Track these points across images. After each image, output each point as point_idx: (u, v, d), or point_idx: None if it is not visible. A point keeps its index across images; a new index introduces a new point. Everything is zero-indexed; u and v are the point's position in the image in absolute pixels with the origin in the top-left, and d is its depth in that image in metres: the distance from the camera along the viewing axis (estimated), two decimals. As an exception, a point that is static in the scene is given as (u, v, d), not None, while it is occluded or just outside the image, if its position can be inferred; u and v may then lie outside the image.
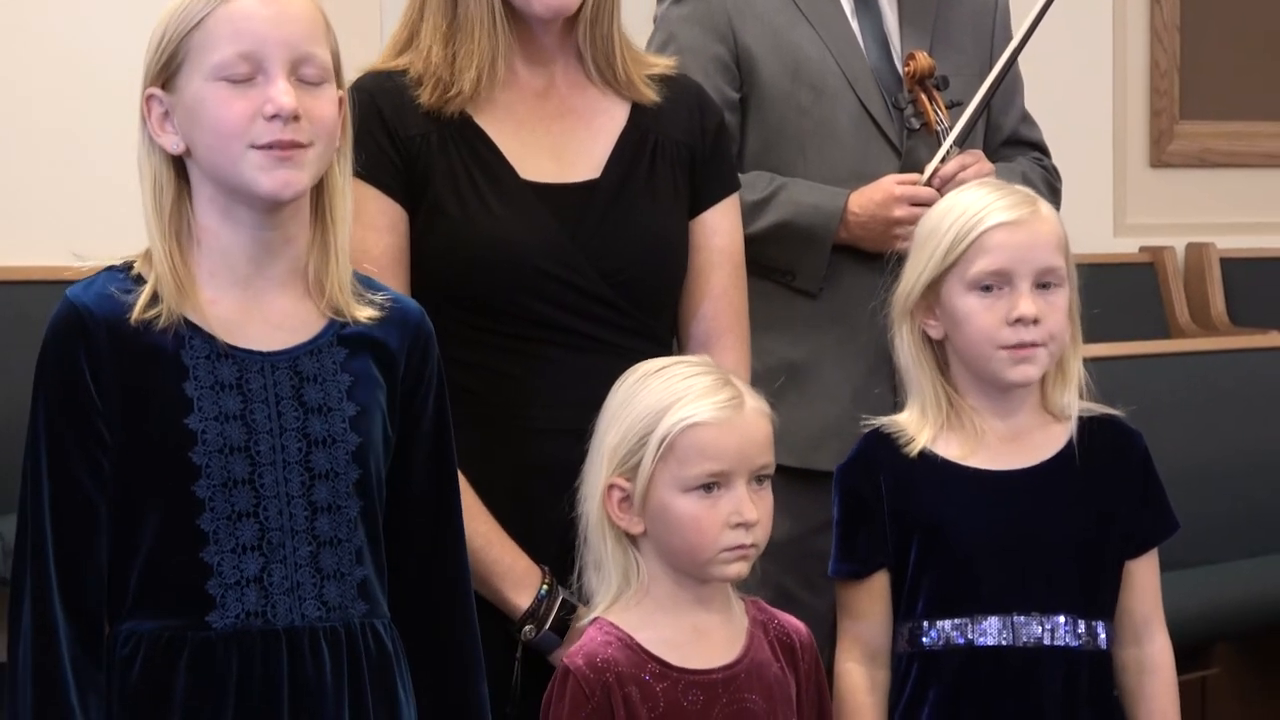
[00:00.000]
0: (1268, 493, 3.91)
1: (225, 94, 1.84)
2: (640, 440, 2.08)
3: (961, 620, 2.24)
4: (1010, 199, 2.27)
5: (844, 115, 2.72)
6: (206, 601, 1.85)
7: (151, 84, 1.89)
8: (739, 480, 2.07)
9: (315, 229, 1.92)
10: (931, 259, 2.27)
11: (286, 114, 1.83)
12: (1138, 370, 3.91)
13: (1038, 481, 2.27)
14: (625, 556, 2.11)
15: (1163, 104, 5.84)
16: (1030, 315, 2.22)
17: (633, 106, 2.31)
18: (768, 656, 2.13)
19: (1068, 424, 2.29)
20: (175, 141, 1.88)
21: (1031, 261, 2.24)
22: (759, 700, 2.10)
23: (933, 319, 2.28)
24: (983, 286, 2.23)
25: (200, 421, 1.85)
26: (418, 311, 2.00)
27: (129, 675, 1.85)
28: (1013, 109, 2.89)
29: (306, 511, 1.88)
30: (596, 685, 2.03)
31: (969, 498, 2.26)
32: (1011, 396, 2.29)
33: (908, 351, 2.31)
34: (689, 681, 2.07)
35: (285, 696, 1.86)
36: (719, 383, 2.10)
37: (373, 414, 1.92)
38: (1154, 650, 2.31)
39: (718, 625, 2.13)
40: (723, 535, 2.07)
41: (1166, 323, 5.52)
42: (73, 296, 1.87)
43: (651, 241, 2.28)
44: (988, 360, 2.24)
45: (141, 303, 1.86)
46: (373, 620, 1.92)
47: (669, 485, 2.07)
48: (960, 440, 2.28)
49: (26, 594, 1.84)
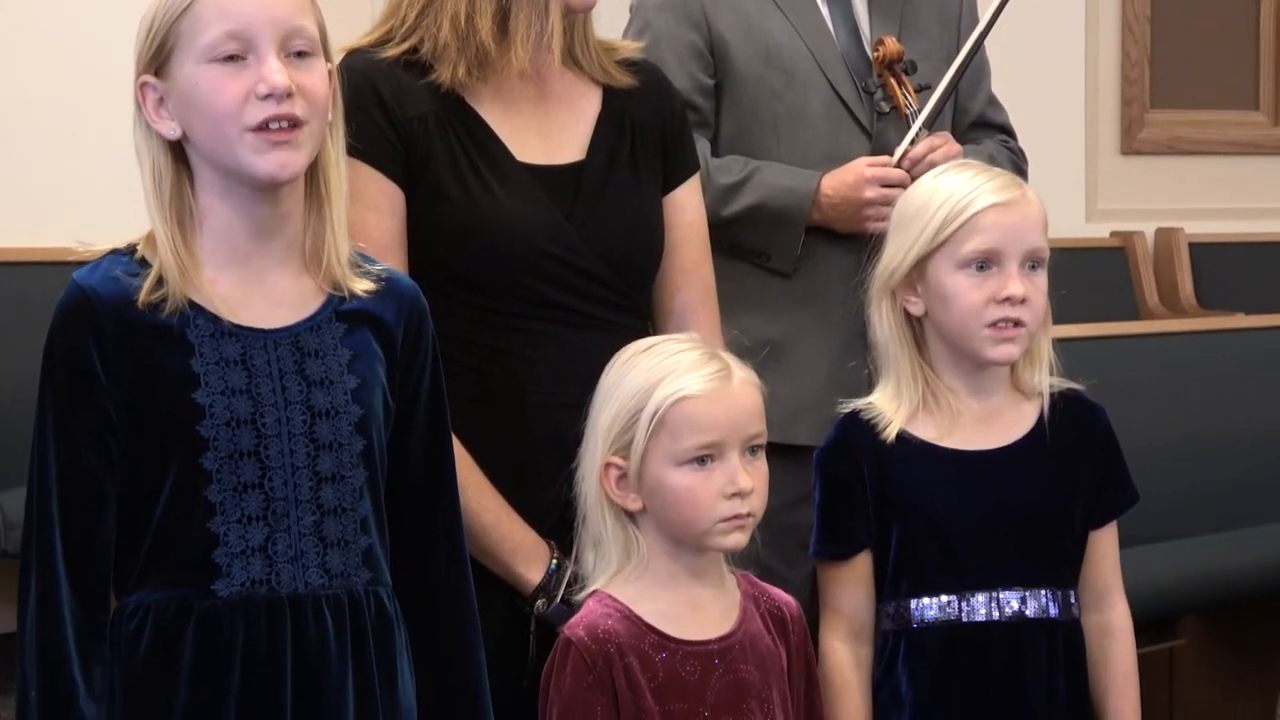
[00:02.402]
0: (1233, 470, 3.94)
1: (218, 76, 1.85)
2: (632, 418, 2.09)
3: (946, 598, 2.27)
4: (998, 181, 2.29)
5: (815, 99, 2.78)
6: (213, 570, 1.87)
7: (144, 71, 1.89)
8: (731, 451, 2.09)
9: (310, 203, 1.94)
10: (920, 237, 2.28)
11: (280, 92, 1.84)
12: (1108, 351, 3.93)
13: (1012, 459, 2.30)
14: (625, 533, 2.12)
15: (1134, 93, 5.89)
16: (1019, 295, 2.24)
17: (604, 90, 2.34)
18: (760, 629, 2.15)
19: (1038, 401, 2.32)
20: (172, 127, 1.89)
21: (1021, 242, 2.26)
22: (753, 671, 2.12)
23: (914, 296, 2.30)
24: (974, 265, 2.25)
25: (207, 396, 1.87)
26: (412, 287, 2.02)
27: (137, 648, 1.87)
28: (980, 93, 2.94)
29: (311, 481, 1.90)
30: (598, 656, 2.05)
31: (947, 478, 2.28)
32: (986, 375, 2.31)
33: (887, 328, 2.32)
34: (686, 652, 2.09)
35: (289, 664, 1.88)
36: (706, 356, 2.12)
37: (373, 386, 1.94)
38: (1114, 616, 2.35)
39: (713, 599, 2.14)
40: (718, 506, 2.08)
41: (1136, 305, 5.57)
42: (79, 280, 1.88)
43: (638, 220, 2.32)
44: (971, 338, 2.26)
45: (148, 286, 1.87)
46: (376, 588, 1.94)
47: (663, 460, 2.09)
48: (936, 421, 2.30)
49: (33, 570, 1.86)
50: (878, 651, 2.32)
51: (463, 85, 2.25)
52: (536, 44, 2.24)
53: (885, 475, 2.29)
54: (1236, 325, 4.43)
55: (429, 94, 2.24)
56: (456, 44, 2.23)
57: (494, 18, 2.23)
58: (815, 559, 2.33)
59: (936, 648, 2.27)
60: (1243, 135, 5.97)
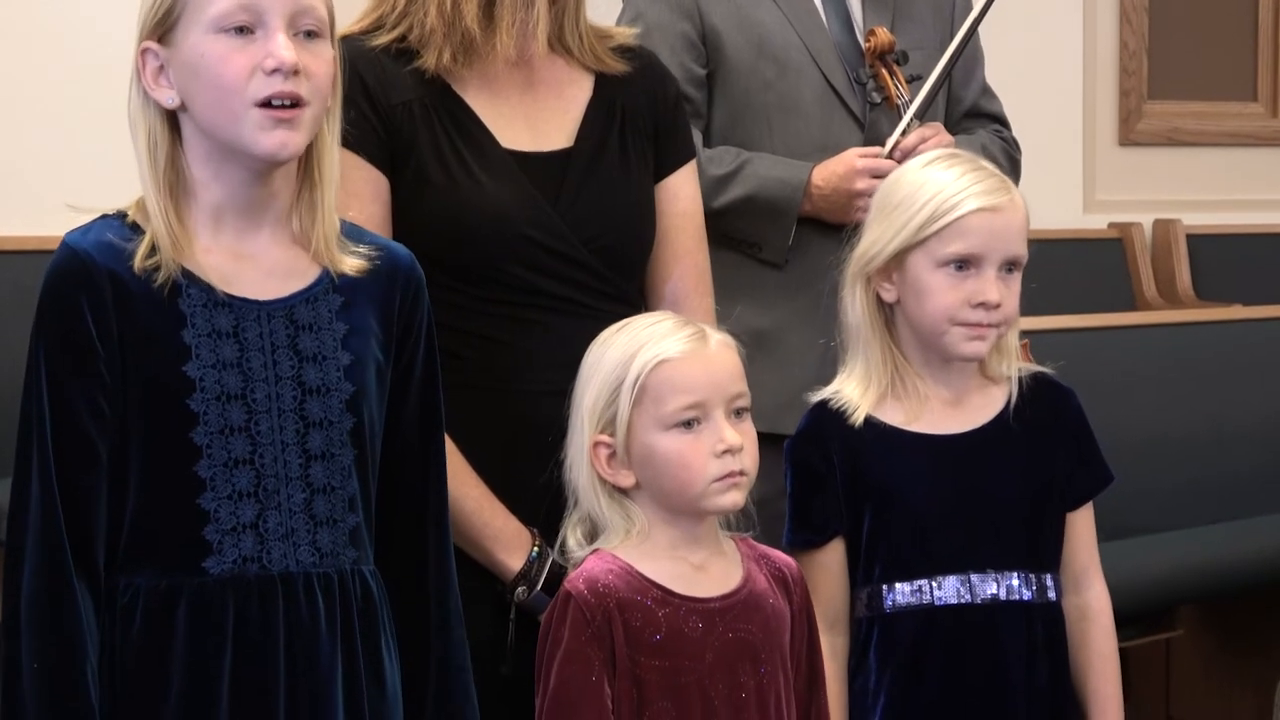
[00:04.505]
0: (1229, 461, 3.95)
1: (225, 48, 1.84)
2: (614, 391, 2.10)
3: (919, 582, 2.27)
4: (987, 183, 2.29)
5: (808, 89, 2.78)
6: (204, 548, 1.86)
7: (147, 38, 1.87)
8: (716, 410, 2.09)
9: (302, 188, 1.93)
10: (904, 230, 2.28)
11: (287, 68, 1.83)
12: (1105, 342, 3.95)
13: (980, 443, 2.31)
14: (621, 510, 2.13)
15: (1131, 84, 5.89)
16: (995, 301, 2.25)
17: (597, 77, 2.34)
18: (765, 588, 2.15)
19: (1006, 385, 2.33)
20: (170, 96, 1.87)
21: (1003, 249, 2.26)
22: (756, 630, 2.12)
23: (888, 284, 2.31)
24: (954, 265, 2.26)
25: (198, 369, 1.85)
26: (408, 257, 2.01)
27: (130, 626, 1.85)
28: (973, 82, 2.94)
29: (300, 459, 1.89)
30: (597, 610, 2.05)
31: (916, 463, 2.29)
32: (954, 366, 2.32)
33: (860, 312, 2.32)
34: (689, 608, 2.09)
35: (281, 641, 1.87)
36: (680, 323, 2.13)
37: (366, 363, 1.93)
38: (1092, 597, 2.36)
39: (714, 562, 2.14)
40: (710, 466, 2.08)
41: (1134, 297, 5.57)
42: (72, 242, 1.86)
43: (625, 208, 2.32)
44: (941, 335, 2.27)
45: (142, 251, 1.85)
46: (361, 568, 1.93)
47: (650, 427, 2.09)
48: (904, 407, 2.31)
49: (32, 546, 1.83)
50: (853, 637, 2.32)
51: (449, 72, 2.25)
52: (522, 31, 2.25)
53: (856, 462, 2.29)
54: (1234, 316, 4.46)
55: (415, 80, 2.24)
56: (443, 29, 2.23)
57: (480, 4, 2.23)
58: (788, 547, 2.33)
59: (909, 633, 2.27)
60: (1241, 126, 5.97)
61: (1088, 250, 5.47)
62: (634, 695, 2.06)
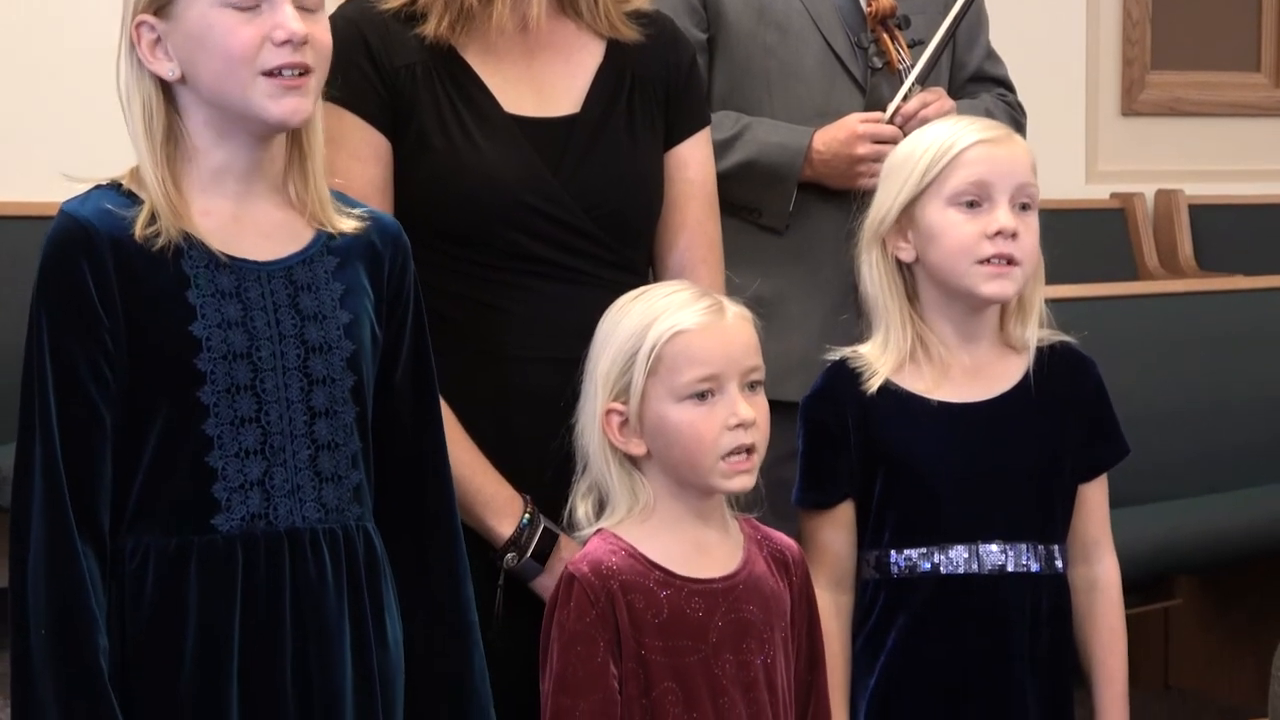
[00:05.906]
0: (1230, 431, 3.96)
1: (232, 20, 1.86)
2: (629, 359, 2.09)
3: (928, 548, 2.27)
4: (982, 123, 2.31)
5: (809, 54, 2.76)
6: (212, 505, 1.87)
7: (143, 11, 1.89)
8: (730, 383, 2.09)
9: (292, 155, 1.95)
10: (908, 181, 2.28)
11: (298, 39, 1.86)
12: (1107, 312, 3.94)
13: (999, 412, 2.30)
14: (630, 479, 2.13)
15: (1135, 54, 5.88)
16: (1010, 228, 2.23)
17: (609, 43, 2.32)
18: (765, 570, 2.16)
19: (1026, 354, 2.31)
20: (171, 68, 1.89)
21: (1011, 176, 2.25)
22: (757, 611, 2.12)
23: (904, 242, 2.30)
24: (964, 202, 2.25)
25: (204, 329, 1.87)
26: (395, 224, 2.03)
27: (142, 590, 1.86)
28: (977, 46, 2.93)
29: (305, 416, 1.91)
30: (601, 591, 2.05)
31: (933, 429, 2.28)
32: (977, 322, 2.30)
33: (877, 278, 2.31)
34: (691, 590, 2.09)
35: (289, 597, 1.89)
36: (697, 294, 2.13)
37: (363, 322, 1.95)
38: (1102, 570, 2.35)
39: (717, 541, 2.15)
40: (721, 439, 2.07)
41: (1135, 267, 5.58)
42: (71, 210, 1.88)
43: (631, 176, 2.31)
44: (963, 275, 2.25)
45: (142, 219, 1.86)
46: (364, 524, 1.95)
47: (663, 397, 2.09)
48: (924, 373, 2.30)
49: (38, 510, 1.83)
50: (859, 599, 2.32)
51: (451, 37, 2.23)
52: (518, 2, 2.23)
53: (870, 424, 2.29)
54: (1235, 287, 4.47)
55: (419, 44, 2.24)
56: None
57: None
58: (797, 506, 2.33)
59: (916, 598, 2.27)
60: (1243, 97, 5.97)
61: (1090, 220, 5.48)
62: (640, 676, 2.07)
